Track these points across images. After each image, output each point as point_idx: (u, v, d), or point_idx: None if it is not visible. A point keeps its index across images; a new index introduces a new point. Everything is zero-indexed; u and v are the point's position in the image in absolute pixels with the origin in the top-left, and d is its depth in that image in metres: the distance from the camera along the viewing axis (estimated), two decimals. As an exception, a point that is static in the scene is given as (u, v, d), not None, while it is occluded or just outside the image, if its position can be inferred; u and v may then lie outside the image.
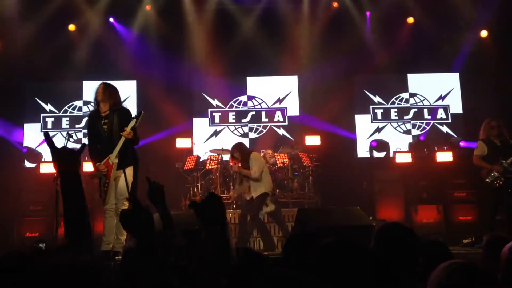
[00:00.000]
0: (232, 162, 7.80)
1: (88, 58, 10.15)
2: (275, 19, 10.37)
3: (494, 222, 6.94)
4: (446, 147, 9.85)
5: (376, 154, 10.20)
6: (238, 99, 10.89)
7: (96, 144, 5.83)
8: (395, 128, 10.80)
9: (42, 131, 10.24)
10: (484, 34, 10.56)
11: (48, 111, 10.53)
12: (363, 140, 10.63)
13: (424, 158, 9.70)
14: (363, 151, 10.52)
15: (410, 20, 10.62)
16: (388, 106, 10.88)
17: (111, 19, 10.52)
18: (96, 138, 5.85)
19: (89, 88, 10.30)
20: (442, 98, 10.89)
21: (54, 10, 9.80)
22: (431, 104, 10.89)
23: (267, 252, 6.95)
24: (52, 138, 2.17)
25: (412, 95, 10.93)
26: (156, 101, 9.97)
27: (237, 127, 10.77)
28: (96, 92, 5.94)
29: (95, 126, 5.87)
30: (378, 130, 10.77)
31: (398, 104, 10.90)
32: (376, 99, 10.88)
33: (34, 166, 9.59)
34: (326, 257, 1.64)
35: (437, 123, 10.81)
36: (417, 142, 10.37)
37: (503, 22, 10.11)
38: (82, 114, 10.54)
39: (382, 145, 10.19)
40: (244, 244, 7.12)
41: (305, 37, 10.42)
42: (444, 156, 9.57)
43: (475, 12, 10.05)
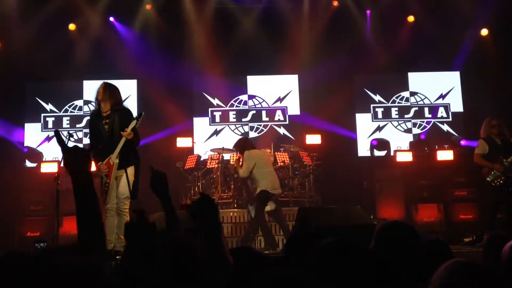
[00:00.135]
0: (238, 157, 7.81)
1: (88, 57, 10.15)
2: (275, 18, 10.36)
3: (494, 221, 6.94)
4: (446, 146, 9.84)
5: (376, 153, 10.20)
6: (239, 98, 10.89)
7: (97, 144, 5.83)
8: (396, 127, 10.80)
9: (53, 130, 10.25)
10: (484, 32, 10.56)
11: (49, 110, 10.53)
12: (364, 139, 10.63)
13: (424, 157, 9.70)
14: (363, 150, 10.52)
15: (411, 18, 10.61)
16: (389, 105, 10.88)
17: (112, 19, 10.52)
18: (97, 138, 5.86)
19: (89, 87, 10.31)
20: (442, 96, 10.88)
21: (54, 9, 9.80)
22: (431, 103, 10.88)
23: (268, 251, 6.95)
24: (63, 137, 2.14)
25: (413, 93, 10.92)
26: (156, 100, 9.97)
27: (237, 126, 10.77)
28: (97, 91, 5.95)
29: (96, 126, 5.87)
30: (379, 129, 10.76)
31: (399, 103, 10.89)
32: (377, 98, 10.88)
33: (34, 165, 9.59)
34: (326, 257, 1.64)
35: (437, 121, 10.81)
36: (417, 141, 10.37)
37: (503, 21, 10.10)
38: (82, 114, 10.54)
39: (382, 144, 10.18)
40: (246, 243, 7.13)
41: (305, 36, 10.42)
42: (445, 155, 9.57)
43: (475, 11, 10.03)
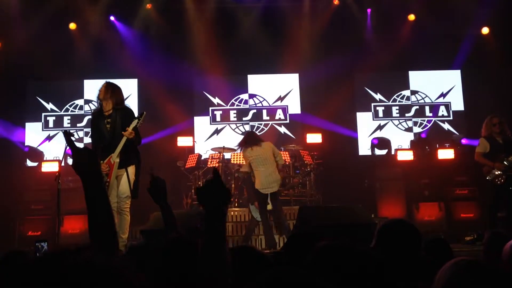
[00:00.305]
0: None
1: (89, 57, 10.15)
2: (275, 17, 10.35)
3: (495, 219, 6.93)
4: (447, 145, 9.83)
5: (377, 152, 10.20)
6: (239, 97, 10.89)
7: (99, 143, 5.84)
8: (397, 126, 10.79)
9: (62, 130, 10.25)
10: (485, 31, 10.55)
11: (50, 110, 10.54)
12: (365, 137, 10.63)
13: (425, 156, 9.69)
14: (364, 148, 10.52)
15: (411, 17, 10.60)
16: (390, 103, 10.87)
17: (112, 18, 10.52)
18: (98, 137, 5.86)
19: (90, 86, 10.32)
20: (443, 95, 10.87)
21: (55, 9, 9.80)
22: (432, 102, 10.88)
23: (269, 251, 6.95)
24: (71, 137, 2.11)
25: (414, 92, 10.92)
26: (157, 99, 9.98)
27: (238, 125, 10.77)
28: (99, 91, 5.96)
29: (97, 125, 5.87)
30: (380, 127, 10.76)
31: (400, 101, 10.89)
32: (378, 96, 10.87)
33: (35, 165, 9.60)
34: (320, 261, 1.63)
35: (438, 120, 10.80)
36: (418, 140, 10.36)
37: (504, 19, 10.08)
38: (83, 113, 10.55)
39: (383, 142, 10.18)
40: (246, 242, 7.14)
41: (306, 35, 10.41)
42: (446, 154, 9.56)
43: (476, 9, 10.01)
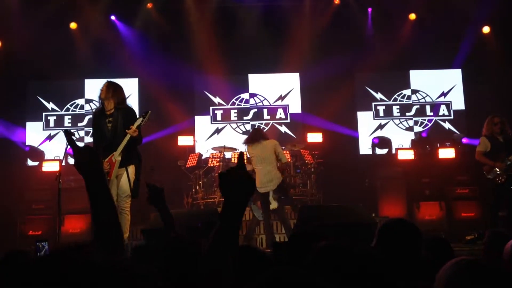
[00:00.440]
0: None
1: (89, 56, 10.15)
2: (276, 17, 10.35)
3: (496, 219, 6.93)
4: (448, 144, 9.83)
5: (378, 151, 10.20)
6: (240, 97, 10.89)
7: (100, 142, 5.84)
8: (397, 125, 10.79)
9: (62, 130, 10.25)
10: (486, 30, 10.54)
11: (50, 109, 10.54)
12: (365, 137, 10.63)
13: (426, 155, 9.68)
14: (365, 148, 10.52)
15: (412, 16, 10.60)
16: (390, 103, 10.86)
17: (113, 17, 10.52)
18: (100, 136, 5.86)
19: (91, 86, 10.34)
20: (444, 94, 10.87)
21: (55, 8, 9.80)
22: (433, 101, 10.87)
23: (270, 250, 6.96)
24: (73, 136, 2.08)
25: (414, 91, 10.91)
26: (158, 99, 9.98)
27: (239, 124, 10.77)
28: (100, 90, 5.96)
29: (99, 124, 5.88)
30: (380, 127, 10.75)
31: (400, 100, 10.88)
32: (378, 96, 10.87)
33: (36, 164, 9.61)
34: (320, 261, 1.63)
35: (439, 119, 10.79)
36: (419, 139, 10.35)
37: (505, 18, 10.08)
38: (84, 112, 10.55)
39: (384, 142, 10.18)
40: (248, 242, 7.15)
41: (306, 34, 10.39)
42: (447, 153, 9.56)
43: (476, 8, 10.01)
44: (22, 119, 10.36)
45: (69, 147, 1.99)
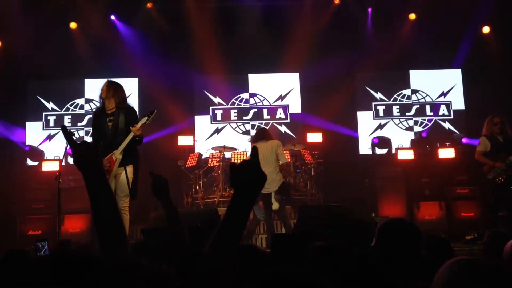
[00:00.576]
0: None
1: (89, 56, 10.16)
2: (276, 16, 10.35)
3: (496, 219, 6.93)
4: (448, 144, 9.82)
5: (378, 151, 10.19)
6: (240, 97, 10.89)
7: (99, 140, 5.84)
8: (397, 125, 10.79)
9: (55, 128, 10.27)
10: (486, 30, 10.54)
11: (50, 109, 10.54)
12: (365, 137, 10.63)
13: (426, 155, 9.68)
14: (365, 148, 10.52)
15: (412, 16, 10.60)
16: (390, 102, 10.86)
17: (113, 17, 10.52)
18: (100, 135, 5.86)
19: (91, 86, 10.34)
20: (444, 94, 10.87)
21: (55, 8, 9.81)
22: (433, 101, 10.87)
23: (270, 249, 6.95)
24: (73, 136, 2.02)
25: (414, 91, 10.91)
26: (157, 98, 9.96)
27: (239, 124, 10.77)
28: (101, 90, 5.96)
29: (99, 123, 5.87)
30: (380, 127, 10.75)
31: (400, 100, 10.88)
32: (378, 95, 10.87)
33: (36, 164, 9.60)
34: (318, 262, 1.63)
35: (439, 119, 10.79)
36: (419, 139, 10.35)
37: (505, 18, 10.07)
38: (84, 112, 10.55)
39: (384, 142, 10.17)
40: (247, 241, 7.15)
41: (306, 34, 10.38)
42: (446, 153, 9.55)
43: (476, 8, 10.01)
44: (22, 118, 10.36)
45: (68, 146, 1.95)
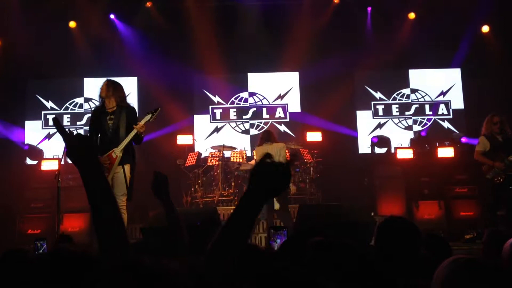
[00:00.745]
0: None
1: (89, 55, 10.16)
2: (276, 16, 10.34)
3: (495, 218, 6.93)
4: (447, 143, 9.83)
5: (377, 150, 10.20)
6: (239, 96, 10.88)
7: (96, 137, 5.83)
8: (397, 124, 10.79)
9: (52, 118, 10.22)
10: (485, 29, 10.54)
11: (49, 108, 10.54)
12: (365, 136, 10.63)
13: (425, 154, 9.68)
14: (364, 147, 10.52)
15: (411, 15, 10.60)
16: (390, 102, 10.87)
17: (112, 16, 10.52)
18: (99, 133, 5.84)
19: (90, 85, 10.33)
20: (443, 93, 10.87)
21: (54, 7, 9.79)
22: (432, 100, 10.87)
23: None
24: (61, 123, 1.93)
25: (414, 90, 10.91)
26: (157, 98, 9.93)
27: (238, 123, 10.76)
28: (100, 89, 5.95)
29: (99, 121, 5.85)
30: (379, 126, 10.76)
31: (400, 100, 10.88)
32: (377, 95, 10.87)
33: (35, 163, 9.60)
34: (318, 260, 1.63)
35: (438, 118, 10.80)
36: (418, 138, 10.35)
37: (504, 17, 10.07)
38: (83, 111, 10.55)
39: (383, 141, 10.18)
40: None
41: (306, 33, 10.38)
42: (446, 152, 9.56)
43: (476, 7, 10.01)
44: (21, 117, 10.35)
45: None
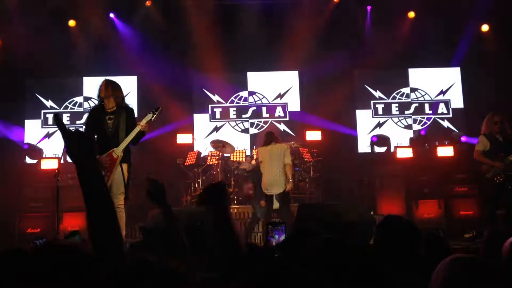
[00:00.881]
0: None
1: (88, 54, 10.15)
2: (275, 14, 10.34)
3: (495, 217, 6.93)
4: (447, 142, 9.84)
5: (377, 149, 10.20)
6: (239, 95, 10.88)
7: (97, 138, 5.82)
8: (396, 123, 10.79)
9: (53, 114, 10.21)
10: (485, 28, 10.54)
11: (49, 107, 10.53)
12: (364, 135, 10.63)
13: (425, 153, 9.69)
14: (364, 146, 10.52)
15: (411, 14, 10.59)
16: (389, 101, 10.86)
17: (112, 15, 10.51)
18: (97, 133, 5.83)
19: (89, 84, 10.32)
20: (443, 92, 10.87)
21: (54, 6, 9.79)
22: (432, 99, 10.87)
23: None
24: (62, 120, 1.90)
25: (413, 90, 10.91)
26: (156, 97, 9.94)
27: (238, 122, 10.76)
28: (99, 88, 5.94)
29: (98, 121, 5.84)
30: (379, 125, 10.75)
31: (399, 99, 10.88)
32: (377, 94, 10.86)
33: (35, 162, 9.59)
34: (318, 257, 1.63)
35: (438, 117, 10.80)
36: (418, 137, 10.36)
37: (504, 16, 10.07)
38: (82, 110, 10.53)
39: (383, 140, 10.18)
40: (246, 238, 7.15)
41: (305, 32, 10.37)
42: (445, 151, 9.56)
43: (475, 6, 10.00)
44: (20, 116, 10.34)
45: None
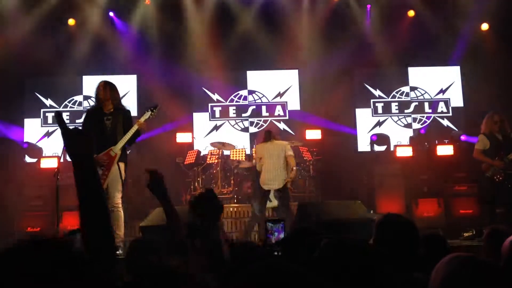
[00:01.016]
0: None
1: (88, 53, 10.14)
2: (275, 13, 10.33)
3: (494, 216, 6.93)
4: (446, 141, 9.82)
5: (376, 148, 10.19)
6: (239, 94, 10.88)
7: (95, 138, 5.82)
8: (396, 122, 10.79)
9: (55, 112, 10.22)
10: (485, 27, 10.53)
11: (48, 106, 10.53)
12: (364, 134, 10.63)
13: (424, 152, 9.68)
14: (363, 145, 10.52)
15: (411, 13, 10.59)
16: (389, 99, 10.86)
17: (111, 14, 10.50)
18: (96, 132, 5.83)
19: (89, 83, 10.30)
20: (443, 91, 10.87)
21: (53, 4, 9.79)
22: (431, 98, 10.87)
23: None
24: (63, 119, 1.86)
25: (413, 88, 10.91)
26: (156, 95, 9.92)
27: (237, 121, 10.76)
28: (97, 90, 5.96)
29: (96, 121, 5.86)
30: (379, 124, 10.75)
31: (399, 97, 10.88)
32: (377, 92, 10.86)
33: (34, 161, 9.59)
34: (326, 257, 1.63)
35: (437, 116, 10.80)
36: (417, 136, 10.36)
37: (504, 15, 10.06)
38: (82, 109, 10.51)
39: (382, 138, 10.17)
40: (246, 237, 7.15)
41: (305, 30, 10.38)
42: (445, 150, 9.55)
43: (475, 5, 10.00)
44: (20, 115, 10.34)
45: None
